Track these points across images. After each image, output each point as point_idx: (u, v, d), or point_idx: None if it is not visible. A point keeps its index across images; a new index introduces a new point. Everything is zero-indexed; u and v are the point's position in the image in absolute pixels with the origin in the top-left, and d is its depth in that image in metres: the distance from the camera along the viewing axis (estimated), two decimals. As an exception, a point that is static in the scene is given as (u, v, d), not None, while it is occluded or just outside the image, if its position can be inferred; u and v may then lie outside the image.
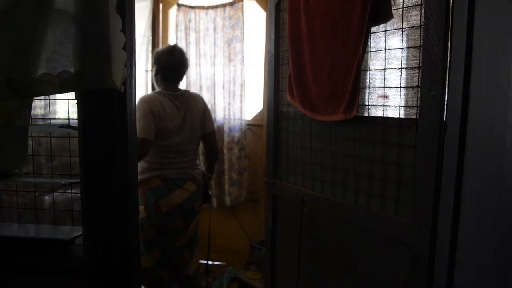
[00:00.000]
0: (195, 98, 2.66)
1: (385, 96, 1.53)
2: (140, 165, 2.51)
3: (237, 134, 3.58)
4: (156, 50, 2.67)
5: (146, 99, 2.50)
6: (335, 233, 1.82)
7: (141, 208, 2.46)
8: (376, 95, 1.59)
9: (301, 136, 2.01)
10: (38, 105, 1.62)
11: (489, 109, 0.86)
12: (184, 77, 2.73)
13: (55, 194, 1.61)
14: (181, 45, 3.49)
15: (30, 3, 1.11)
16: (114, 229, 1.27)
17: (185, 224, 2.56)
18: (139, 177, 2.47)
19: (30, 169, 1.60)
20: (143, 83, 3.71)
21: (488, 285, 0.94)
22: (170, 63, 2.53)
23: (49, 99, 1.59)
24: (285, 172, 2.17)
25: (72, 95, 1.46)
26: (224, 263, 3.90)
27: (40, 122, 1.64)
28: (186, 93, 2.62)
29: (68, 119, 1.48)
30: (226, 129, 3.56)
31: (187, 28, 3.59)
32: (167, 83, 2.57)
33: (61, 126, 1.27)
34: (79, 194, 1.31)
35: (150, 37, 3.71)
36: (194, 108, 2.58)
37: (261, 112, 3.64)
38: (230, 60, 3.51)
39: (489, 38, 0.85)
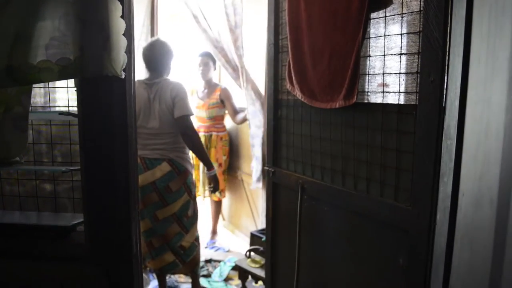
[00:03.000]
0: (169, 86, 2.82)
1: (384, 83, 1.53)
2: None
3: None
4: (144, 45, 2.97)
5: None
6: (335, 219, 1.83)
7: None
8: (376, 81, 1.59)
9: (301, 124, 2.01)
10: (38, 93, 1.62)
11: (488, 93, 0.86)
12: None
13: (55, 182, 1.61)
14: (180, 33, 3.49)
15: (28, -10, 1.10)
16: (115, 215, 1.28)
17: (162, 199, 2.79)
18: None
19: (30, 158, 1.60)
20: (143, 73, 3.70)
21: (485, 270, 0.95)
22: (148, 56, 2.86)
23: (48, 87, 1.59)
24: (284, 160, 2.18)
25: (71, 82, 1.46)
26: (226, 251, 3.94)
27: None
28: (161, 81, 2.82)
29: (68, 106, 1.49)
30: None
31: (186, 16, 3.57)
32: (148, 73, 2.89)
33: (61, 113, 1.27)
34: (79, 182, 1.32)
35: (149, 26, 3.70)
36: (164, 95, 2.78)
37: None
38: (235, 47, 3.48)
39: (488, 22, 0.85)
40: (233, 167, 4.29)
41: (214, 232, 4.33)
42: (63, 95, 1.60)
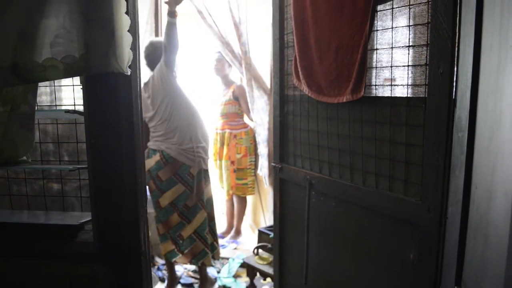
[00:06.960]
0: (152, 77, 2.99)
1: (392, 76, 1.51)
2: None
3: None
4: None
5: None
6: (344, 215, 1.81)
7: None
8: (383, 75, 1.57)
9: (308, 119, 1.99)
10: (44, 92, 1.62)
11: (501, 83, 0.84)
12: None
13: (63, 181, 1.61)
14: (185, 31, 3.50)
15: (32, -13, 1.10)
16: (123, 213, 1.27)
17: (157, 188, 2.99)
18: None
19: (37, 157, 1.60)
20: (148, 71, 3.69)
21: (500, 264, 0.93)
22: (144, 57, 3.09)
23: (54, 86, 1.58)
24: (292, 156, 2.16)
25: (77, 80, 1.45)
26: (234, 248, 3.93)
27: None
28: (150, 78, 3.01)
29: (74, 105, 1.48)
30: None
31: (191, 13, 3.55)
32: None
33: (67, 111, 1.27)
34: (87, 181, 1.31)
35: (154, 24, 3.69)
36: (154, 88, 2.96)
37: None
38: (240, 43, 3.46)
39: (501, 8, 0.83)
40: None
41: (238, 232, 4.16)
42: (69, 94, 1.59)
